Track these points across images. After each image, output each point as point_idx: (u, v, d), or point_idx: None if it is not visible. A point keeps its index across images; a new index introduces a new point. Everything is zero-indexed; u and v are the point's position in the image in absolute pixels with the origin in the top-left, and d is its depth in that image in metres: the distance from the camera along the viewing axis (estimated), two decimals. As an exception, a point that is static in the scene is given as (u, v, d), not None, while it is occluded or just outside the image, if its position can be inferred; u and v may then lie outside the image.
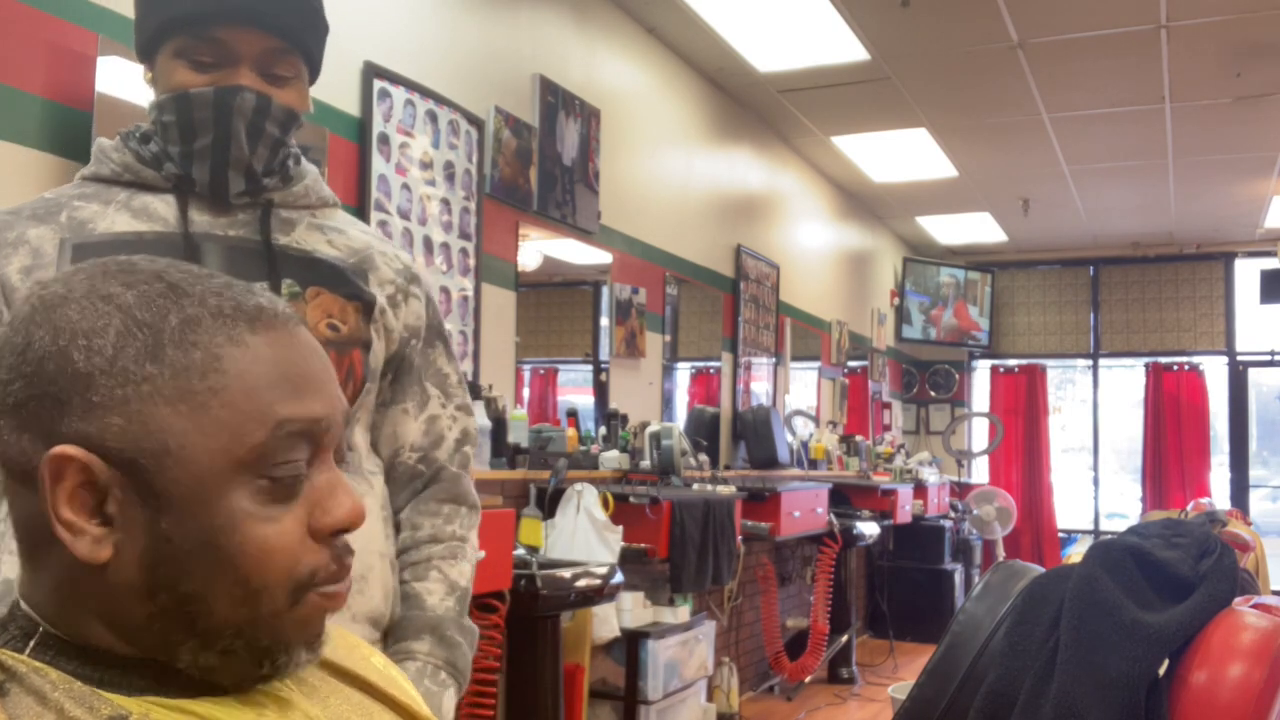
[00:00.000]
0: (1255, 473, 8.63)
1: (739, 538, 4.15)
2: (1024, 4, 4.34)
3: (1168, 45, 4.71)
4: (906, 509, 6.39)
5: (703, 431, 5.07)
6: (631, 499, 3.52)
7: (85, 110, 2.26)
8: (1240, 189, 7.03)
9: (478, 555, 1.37)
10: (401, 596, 1.29)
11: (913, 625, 6.89)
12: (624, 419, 4.22)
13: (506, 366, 3.69)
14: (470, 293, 3.45)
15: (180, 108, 1.14)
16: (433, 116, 3.30)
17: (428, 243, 3.25)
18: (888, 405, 8.43)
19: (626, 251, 4.48)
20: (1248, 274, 8.39)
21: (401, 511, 1.33)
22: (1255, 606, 1.49)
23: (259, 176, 1.20)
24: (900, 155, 6.46)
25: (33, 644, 0.62)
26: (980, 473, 9.08)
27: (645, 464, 4.07)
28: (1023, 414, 8.98)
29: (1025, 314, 9.20)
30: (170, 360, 0.60)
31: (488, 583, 2.65)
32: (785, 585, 5.72)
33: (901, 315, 8.61)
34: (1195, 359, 8.59)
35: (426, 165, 3.26)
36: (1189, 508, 6.05)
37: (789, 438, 5.83)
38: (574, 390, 4.38)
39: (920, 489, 6.83)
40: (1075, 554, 5.71)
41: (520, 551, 2.99)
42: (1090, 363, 9.04)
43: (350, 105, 3.01)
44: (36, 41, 2.20)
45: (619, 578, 3.04)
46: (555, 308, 4.34)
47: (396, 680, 0.79)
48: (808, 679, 5.44)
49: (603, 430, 4.15)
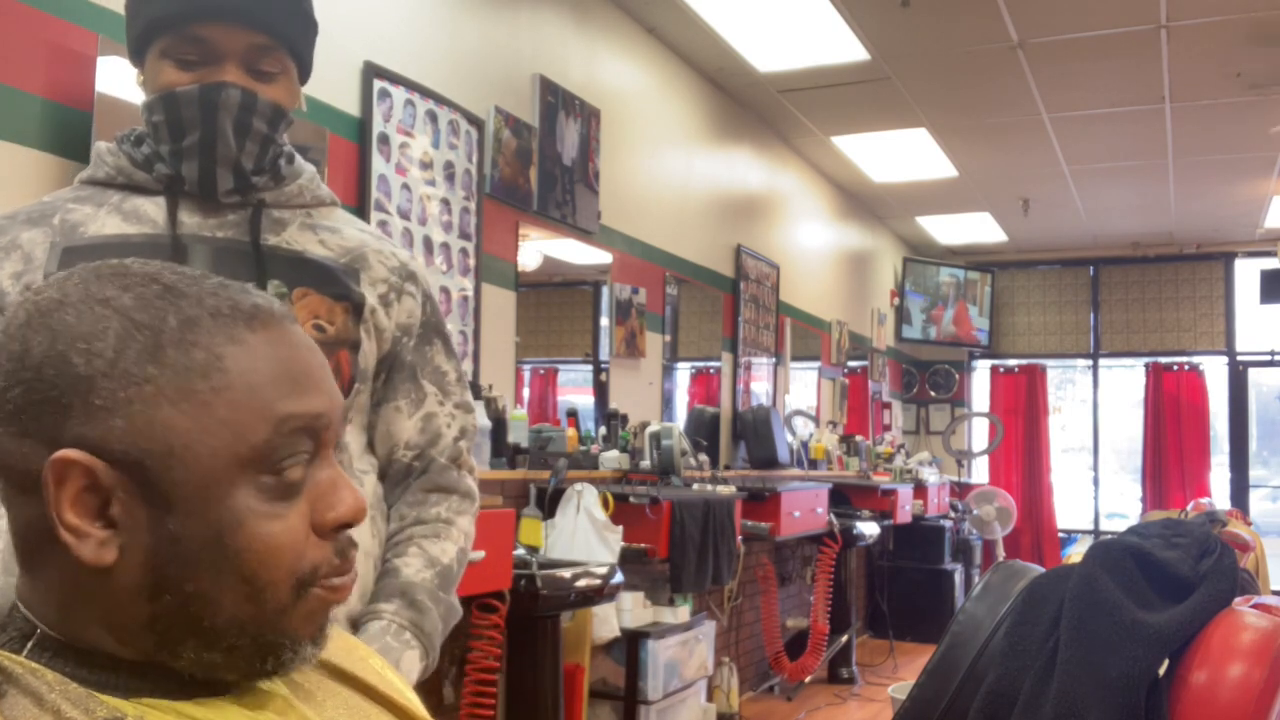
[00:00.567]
0: (1255, 473, 8.63)
1: (739, 538, 4.15)
2: (1024, 4, 4.34)
3: (1168, 45, 4.71)
4: (906, 509, 6.39)
5: (703, 431, 5.07)
6: (631, 499, 3.52)
7: (85, 110, 2.26)
8: (1240, 189, 7.03)
9: (470, 543, 1.34)
10: (379, 575, 1.27)
11: (913, 625, 6.89)
12: (624, 419, 4.22)
13: (506, 366, 3.69)
14: (470, 293, 3.45)
15: (168, 107, 1.15)
16: (433, 116, 3.30)
17: (428, 243, 3.25)
18: (888, 405, 8.43)
19: (626, 251, 4.48)
20: (1248, 274, 8.39)
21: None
22: (1255, 606, 1.49)
23: (248, 175, 1.20)
24: (900, 155, 6.46)
25: (30, 646, 0.62)
26: (980, 473, 9.08)
27: (645, 464, 4.07)
28: (1023, 414, 8.98)
29: (1025, 314, 9.20)
30: (171, 361, 0.60)
31: (488, 583, 2.65)
32: (785, 585, 5.72)
33: (901, 315, 8.61)
34: (1195, 359, 8.59)
35: (426, 165, 3.26)
36: (1189, 508, 6.05)
37: (789, 438, 5.83)
38: (574, 390, 4.37)
39: (920, 489, 6.83)
40: (1075, 554, 5.71)
41: (520, 551, 2.99)
42: (1090, 363, 9.04)
43: (350, 105, 3.01)
44: (36, 41, 2.20)
45: (619, 578, 3.04)
46: (555, 308, 4.34)
47: (394, 682, 0.79)
48: (808, 679, 5.44)
49: (603, 430, 4.15)
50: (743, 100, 5.60)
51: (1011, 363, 9.15)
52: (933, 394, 9.29)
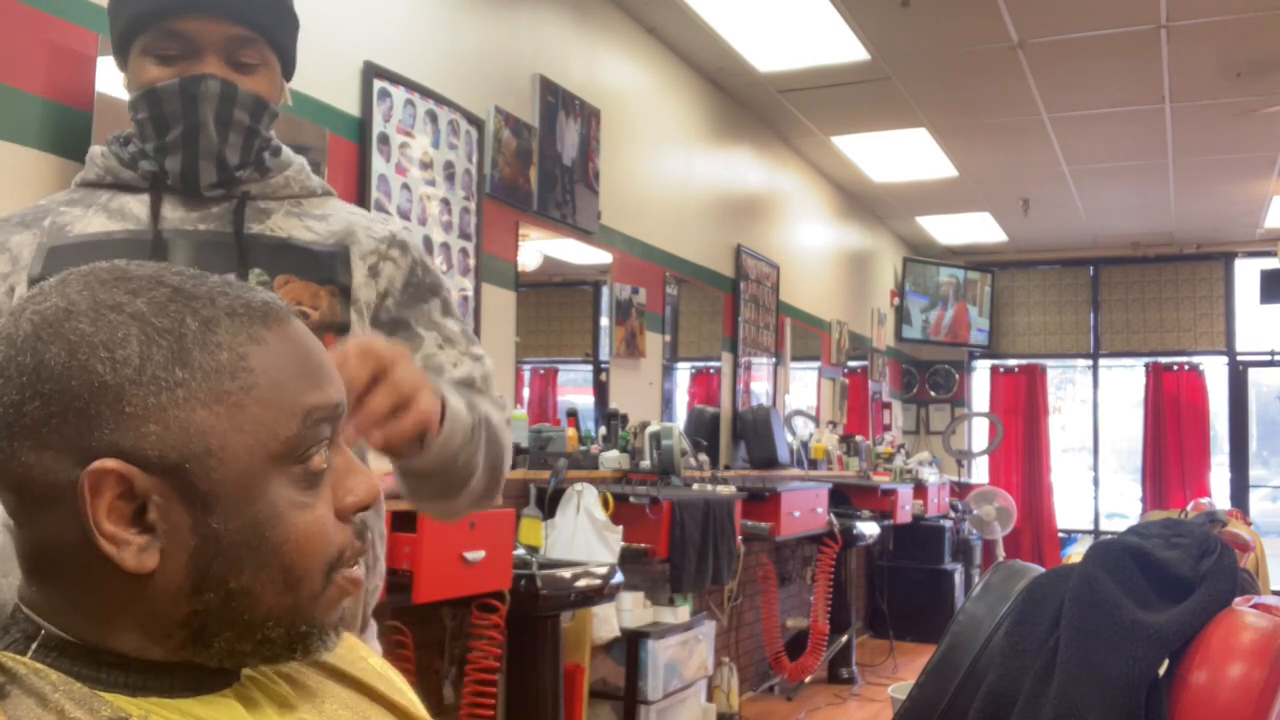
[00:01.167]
0: (1255, 473, 8.62)
1: (739, 538, 4.15)
2: (1024, 4, 4.34)
3: (1168, 45, 4.71)
4: (906, 509, 6.39)
5: (703, 431, 5.07)
6: (631, 499, 3.52)
7: (85, 110, 2.26)
8: (1240, 189, 7.03)
9: (507, 416, 1.24)
10: None
11: (913, 625, 6.89)
12: (624, 419, 4.22)
13: (506, 366, 3.69)
14: (470, 293, 3.45)
15: (150, 103, 1.16)
16: (433, 116, 3.30)
17: (428, 243, 3.25)
18: (888, 405, 8.43)
19: (626, 251, 4.48)
20: (1248, 274, 8.39)
21: None
22: (1255, 606, 1.49)
23: (231, 168, 1.20)
24: (900, 155, 6.46)
25: (34, 646, 0.62)
26: (980, 473, 9.08)
27: (645, 464, 4.07)
28: (1023, 414, 8.98)
29: (1025, 314, 9.20)
30: (199, 364, 0.61)
31: (488, 583, 2.66)
32: (785, 585, 5.72)
33: (901, 315, 8.60)
34: (1195, 359, 8.59)
35: (426, 165, 3.26)
36: (1189, 508, 6.05)
37: (789, 438, 5.83)
38: (574, 390, 4.37)
39: (920, 489, 6.83)
40: (1075, 554, 5.71)
41: (520, 551, 2.99)
42: (1090, 363, 9.04)
43: (350, 105, 3.01)
44: (36, 41, 2.20)
45: (619, 578, 3.04)
46: (555, 308, 4.34)
47: (393, 681, 0.80)
48: (808, 679, 5.44)
49: (603, 430, 4.15)
50: (743, 100, 5.59)
51: (1011, 363, 9.15)
52: (933, 394, 9.29)
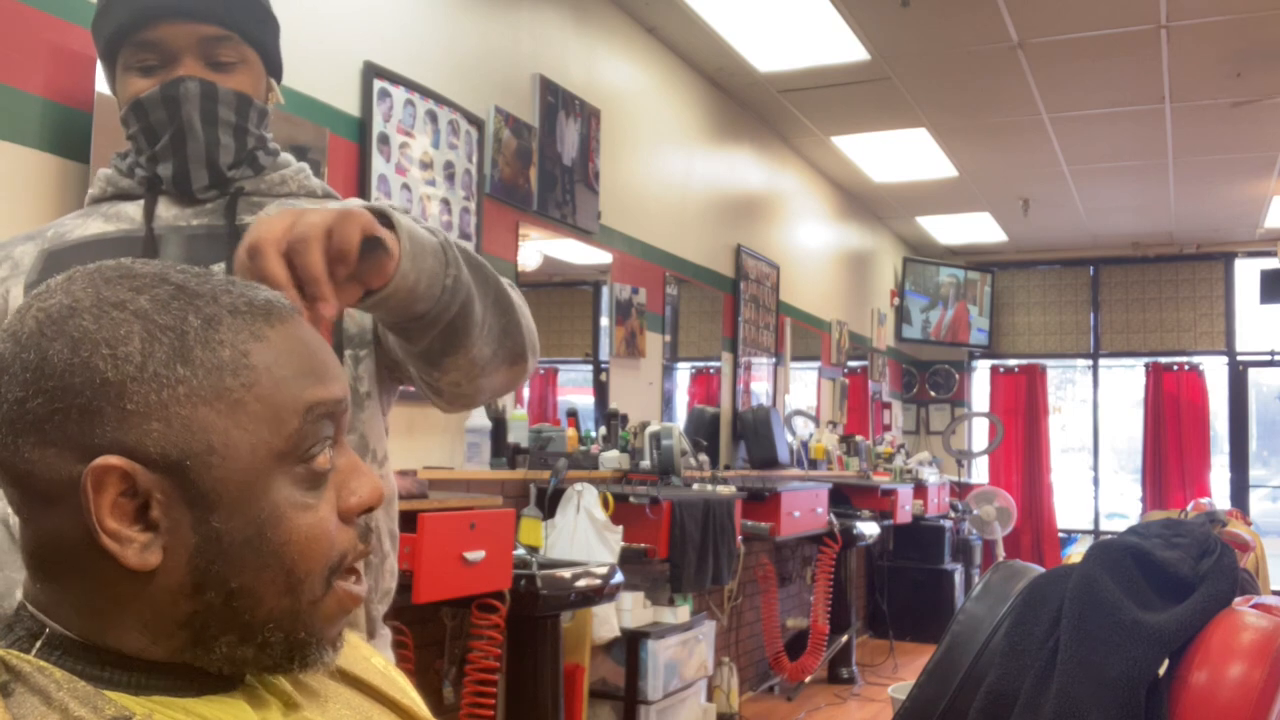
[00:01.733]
0: (1255, 473, 8.62)
1: (739, 538, 4.15)
2: (1024, 4, 4.34)
3: (1168, 45, 4.71)
4: (906, 509, 6.39)
5: (703, 431, 5.07)
6: (631, 499, 3.52)
7: (85, 110, 2.26)
8: (1240, 189, 7.03)
9: (520, 301, 1.19)
10: None
11: (913, 625, 6.89)
12: (624, 419, 4.22)
13: (506, 366, 3.68)
14: (470, 293, 3.45)
15: (138, 115, 1.18)
16: (433, 116, 3.30)
17: (428, 243, 3.24)
18: (888, 405, 8.43)
19: (626, 251, 4.48)
20: (1248, 274, 8.39)
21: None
22: (1255, 606, 1.49)
23: (223, 169, 1.20)
24: (900, 155, 6.46)
25: (39, 644, 0.62)
26: (980, 473, 9.08)
27: (645, 464, 4.07)
28: (1023, 414, 8.98)
29: (1025, 314, 9.20)
30: (201, 361, 0.61)
31: (488, 583, 2.66)
32: (785, 585, 5.72)
33: (901, 315, 8.60)
34: (1195, 359, 8.59)
35: (426, 165, 3.26)
36: (1189, 508, 6.04)
37: (789, 438, 5.83)
38: (574, 390, 4.37)
39: (920, 489, 6.83)
40: (1075, 554, 5.71)
41: (520, 551, 2.99)
42: (1090, 363, 9.04)
43: (350, 105, 3.01)
44: (36, 41, 2.20)
45: (619, 578, 3.04)
46: (555, 308, 4.34)
47: (397, 682, 0.80)
48: (808, 679, 5.44)
49: (603, 430, 4.15)
50: (743, 100, 5.59)
51: (1011, 363, 9.15)
52: (933, 394, 9.29)
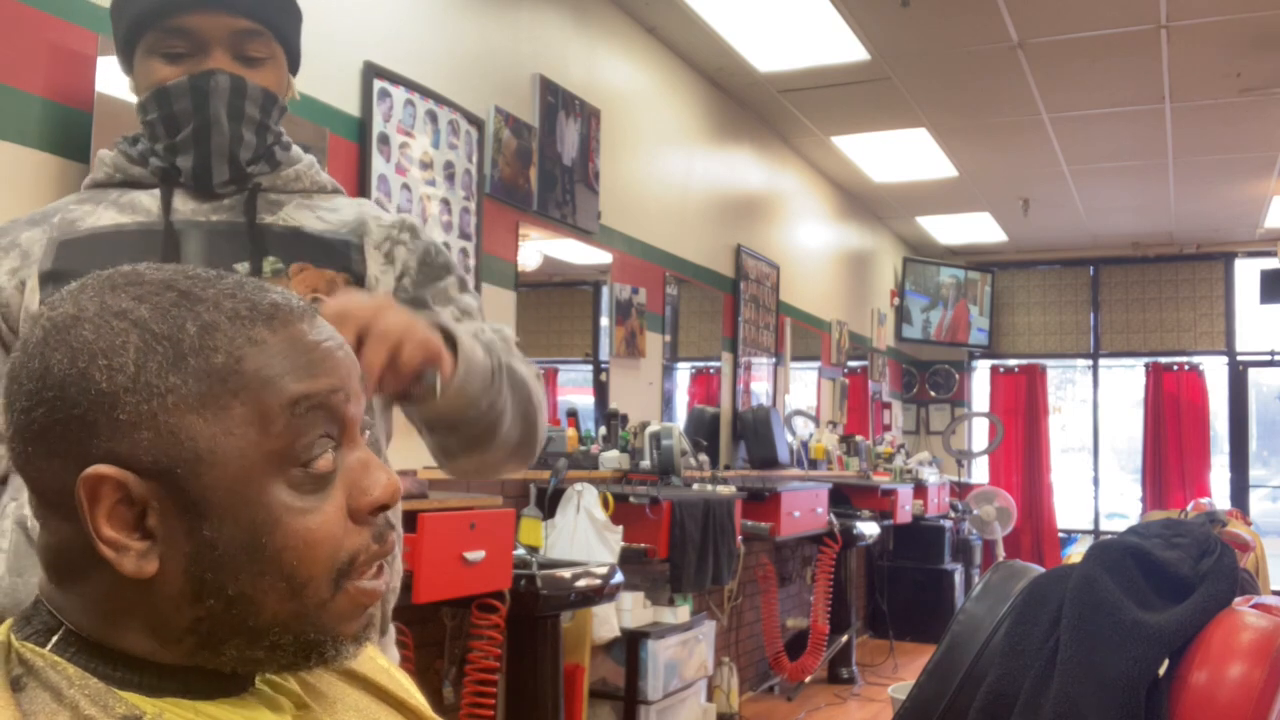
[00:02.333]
0: (1255, 473, 8.62)
1: (739, 538, 4.15)
2: (1024, 4, 4.34)
3: (1168, 45, 4.71)
4: (906, 509, 6.39)
5: (703, 431, 5.07)
6: (631, 499, 3.52)
7: (85, 110, 2.26)
8: (1240, 189, 7.03)
9: (534, 371, 1.20)
10: None
11: (913, 625, 6.89)
12: (624, 419, 4.22)
13: (506, 366, 3.69)
14: (470, 293, 3.45)
15: (160, 102, 1.16)
16: (433, 116, 3.30)
17: (428, 243, 3.25)
18: (888, 405, 8.43)
19: (626, 251, 4.48)
20: (1248, 274, 8.39)
21: None
22: (1255, 606, 1.49)
23: (243, 164, 1.19)
24: (900, 155, 6.46)
25: (54, 640, 0.62)
26: (980, 473, 9.07)
27: (645, 464, 4.07)
28: (1023, 414, 8.97)
29: (1025, 314, 9.20)
30: (193, 369, 0.60)
31: (488, 583, 2.65)
32: (785, 585, 5.72)
33: (901, 315, 8.60)
34: (1195, 359, 8.58)
35: (426, 165, 3.26)
36: (1189, 508, 6.05)
37: (789, 438, 5.83)
38: (574, 390, 4.37)
39: (920, 489, 6.83)
40: (1075, 554, 5.71)
41: (520, 551, 2.99)
42: (1090, 363, 9.04)
43: (350, 105, 3.01)
44: (36, 41, 2.20)
45: (619, 578, 3.04)
46: (555, 308, 4.34)
47: (402, 682, 0.80)
48: (808, 679, 5.44)
49: (603, 430, 4.15)
50: (743, 100, 5.59)
51: (1011, 363, 9.15)
52: (933, 394, 9.29)
